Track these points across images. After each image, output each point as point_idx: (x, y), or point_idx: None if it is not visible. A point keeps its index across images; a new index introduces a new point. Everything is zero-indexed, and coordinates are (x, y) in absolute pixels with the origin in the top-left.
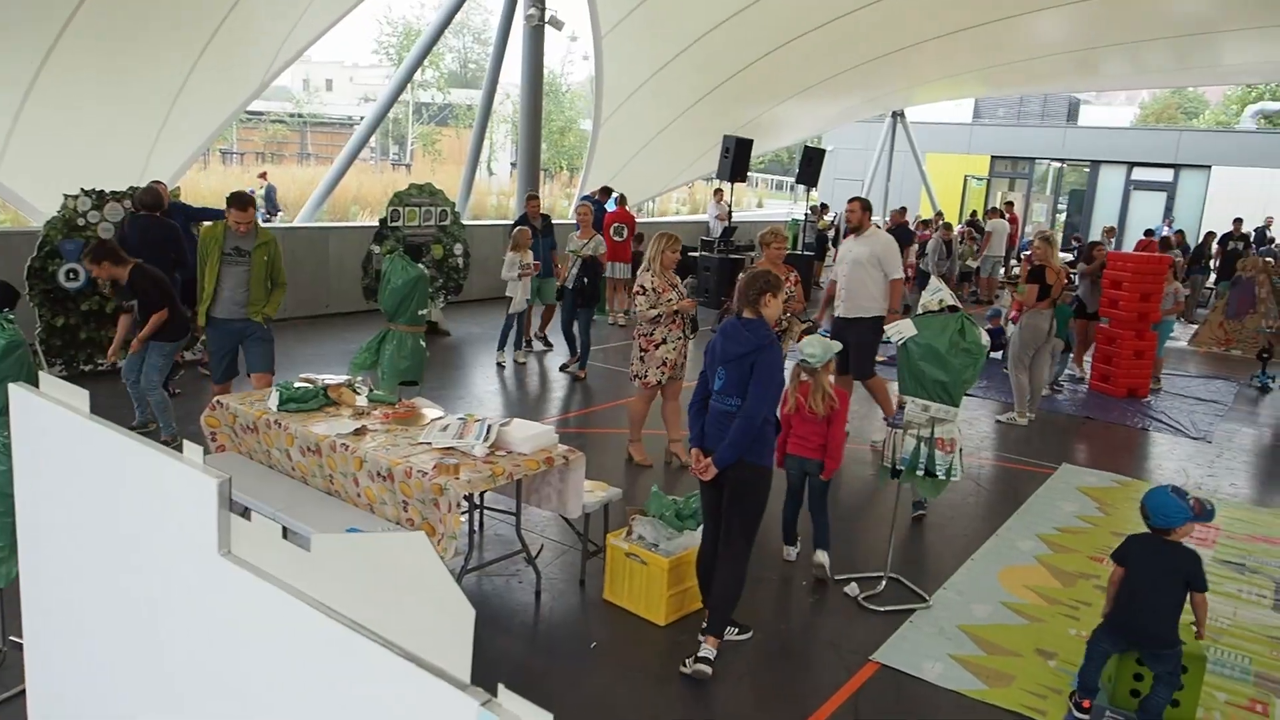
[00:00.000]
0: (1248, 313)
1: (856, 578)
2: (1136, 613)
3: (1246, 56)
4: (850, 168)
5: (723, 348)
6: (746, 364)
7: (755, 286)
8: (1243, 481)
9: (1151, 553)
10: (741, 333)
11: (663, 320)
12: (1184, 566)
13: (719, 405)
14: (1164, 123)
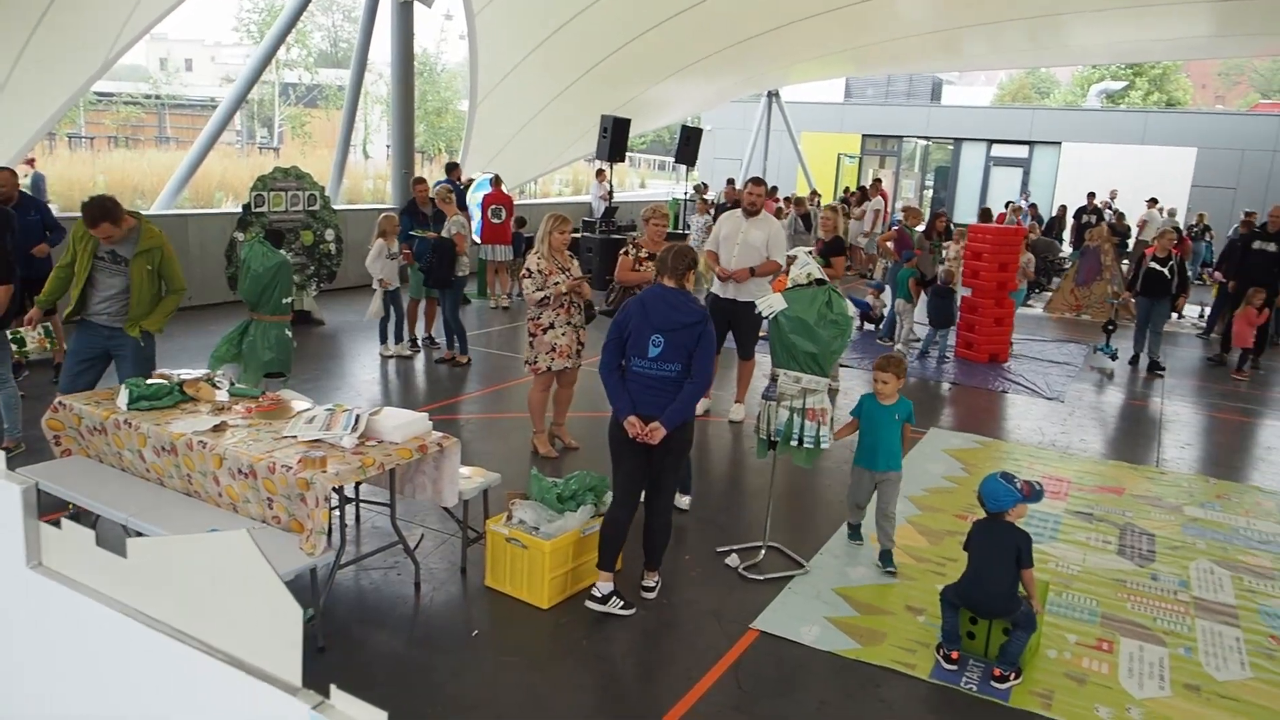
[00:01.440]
0: (1095, 280)
1: (737, 549)
2: (978, 589)
3: (1092, 38)
4: (729, 147)
5: (664, 316)
6: (694, 333)
7: (685, 260)
8: (1091, 437)
9: (988, 534)
10: (685, 302)
11: (550, 304)
12: (1015, 544)
13: (654, 371)
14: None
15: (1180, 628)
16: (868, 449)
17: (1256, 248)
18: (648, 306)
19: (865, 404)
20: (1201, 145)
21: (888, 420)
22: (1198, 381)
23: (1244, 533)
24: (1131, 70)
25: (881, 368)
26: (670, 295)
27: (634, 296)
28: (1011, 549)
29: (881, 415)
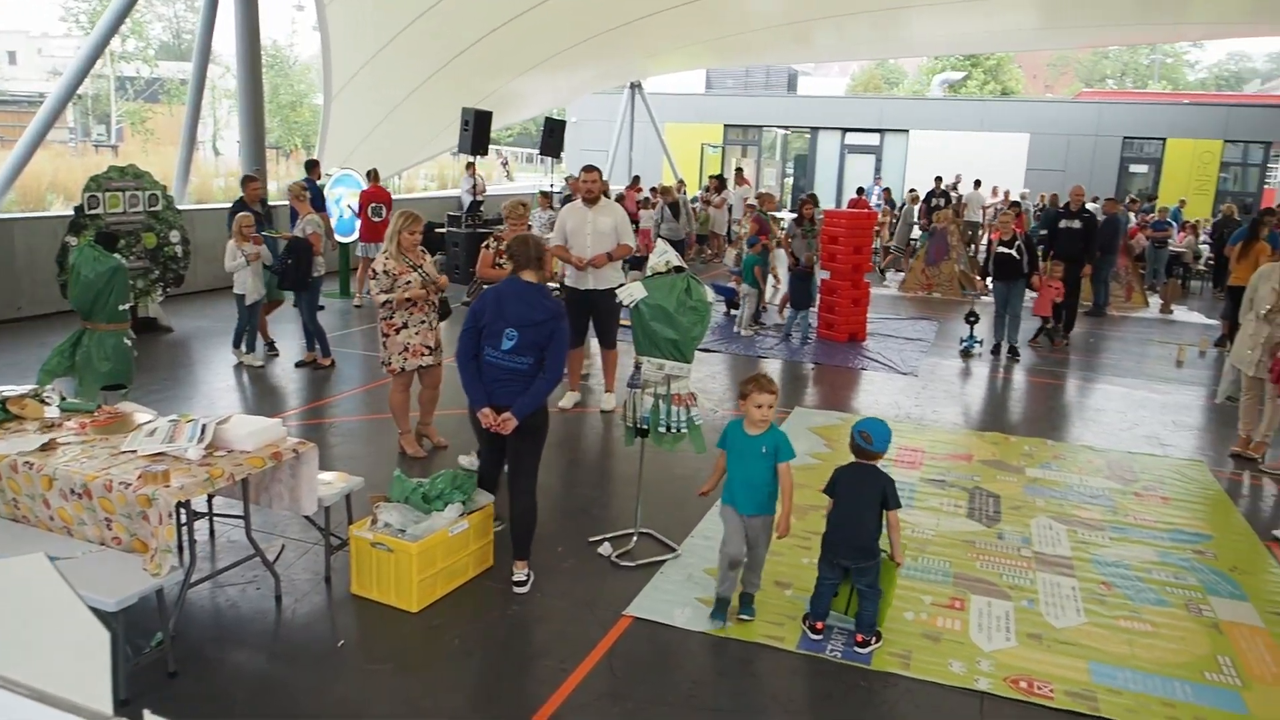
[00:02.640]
0: (944, 259)
1: (609, 537)
2: (844, 529)
3: (932, 31)
4: (595, 139)
5: (518, 313)
6: (547, 330)
7: (537, 247)
8: (943, 408)
9: (857, 477)
10: (540, 300)
11: (399, 305)
12: (882, 486)
13: (507, 363)
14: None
15: (1024, 582)
16: (734, 486)
17: (1063, 226)
18: (503, 300)
19: (729, 433)
20: (1033, 131)
21: (753, 453)
22: (1037, 352)
23: (1078, 489)
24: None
25: (766, 389)
26: (526, 291)
27: (488, 291)
28: (878, 490)
29: (747, 447)
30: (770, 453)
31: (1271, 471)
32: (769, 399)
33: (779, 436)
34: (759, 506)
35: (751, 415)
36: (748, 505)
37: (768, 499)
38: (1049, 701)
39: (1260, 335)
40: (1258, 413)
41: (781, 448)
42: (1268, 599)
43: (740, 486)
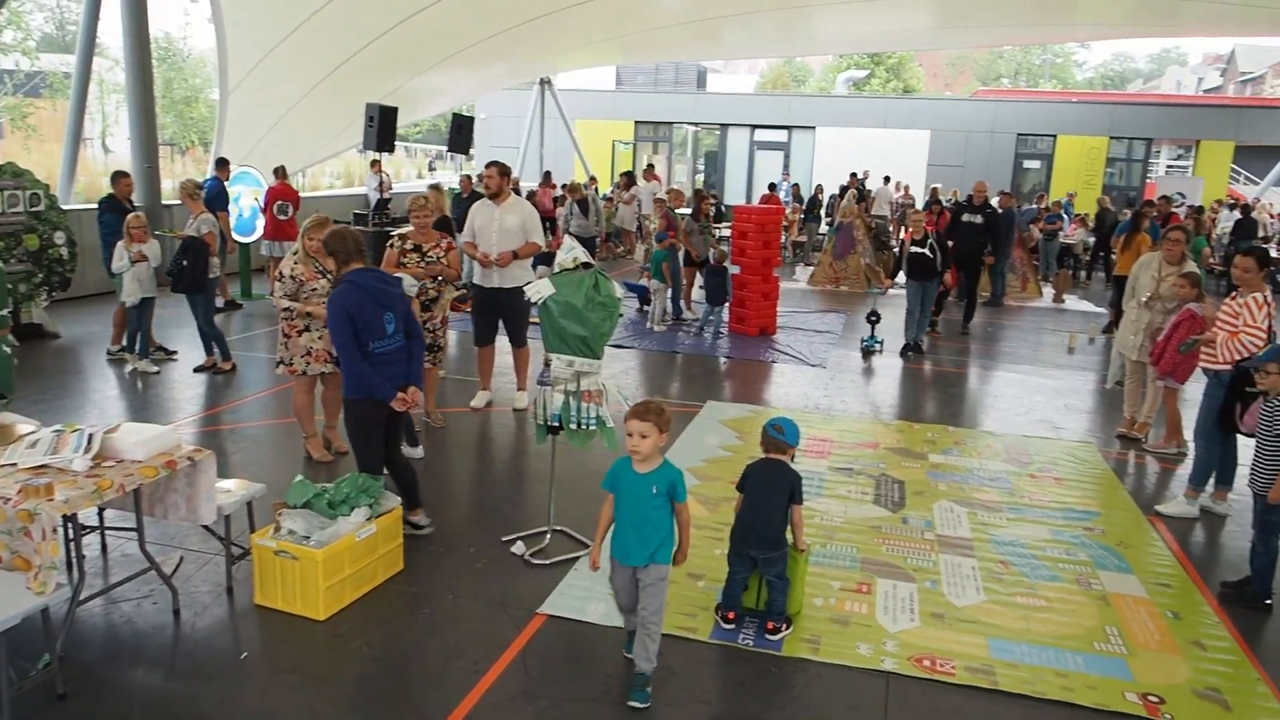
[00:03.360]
0: (850, 253)
1: (522, 536)
2: (753, 520)
3: (836, 30)
4: (505, 135)
5: (388, 294)
6: (406, 303)
7: (355, 239)
8: (850, 398)
9: (767, 472)
10: (389, 280)
11: (302, 314)
12: (790, 481)
13: (392, 346)
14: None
15: (926, 564)
16: (622, 533)
17: (965, 220)
18: (373, 292)
19: (616, 472)
20: (933, 128)
21: (643, 493)
22: (940, 341)
23: (977, 473)
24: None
25: (638, 416)
26: (379, 275)
27: (344, 287)
28: (787, 485)
29: (636, 486)
30: (663, 493)
31: (1154, 450)
32: (642, 427)
33: (672, 474)
34: (652, 555)
35: (632, 449)
36: (640, 553)
37: (661, 546)
38: (951, 678)
39: (1142, 322)
40: (1141, 395)
41: (677, 486)
42: (1151, 571)
43: (630, 532)
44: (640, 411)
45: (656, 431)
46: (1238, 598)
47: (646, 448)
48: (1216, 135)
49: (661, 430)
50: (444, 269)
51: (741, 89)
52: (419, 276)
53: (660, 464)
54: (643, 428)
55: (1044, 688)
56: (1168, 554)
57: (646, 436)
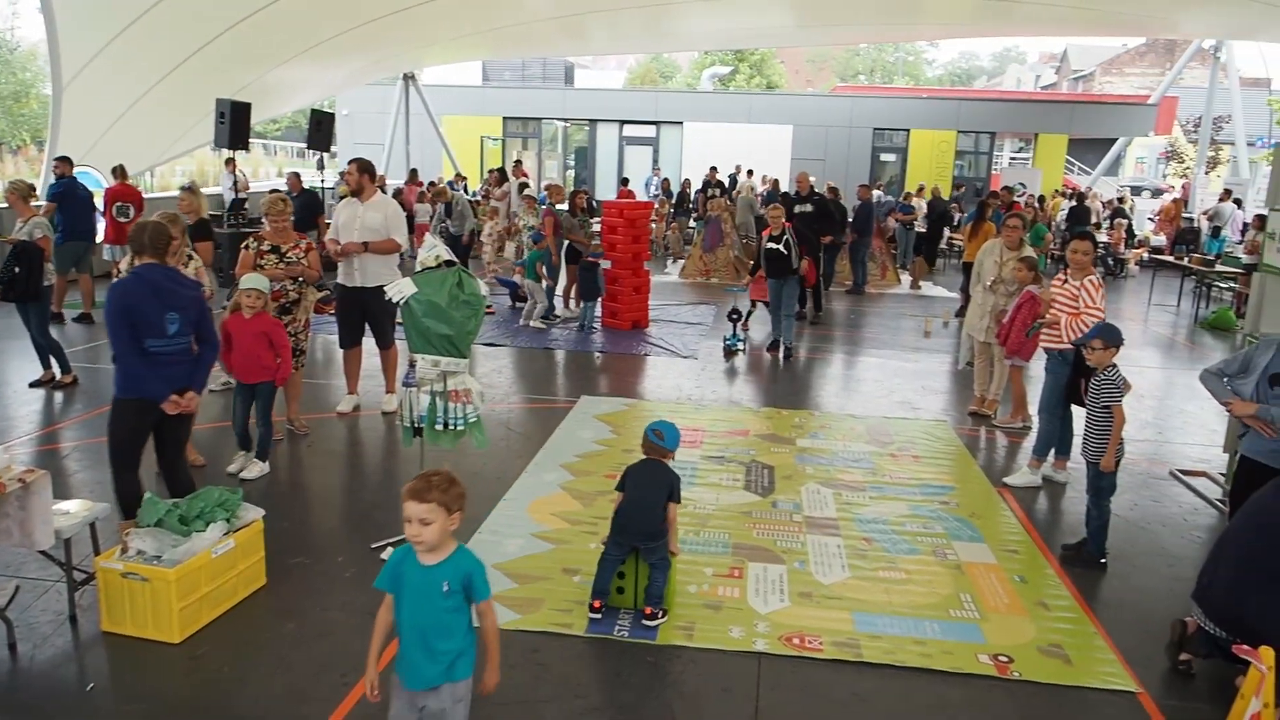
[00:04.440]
0: (719, 246)
1: (393, 542)
2: (634, 518)
3: (699, 26)
4: (369, 132)
5: (174, 294)
6: (199, 303)
7: (165, 236)
8: (721, 388)
9: (648, 471)
10: (181, 280)
11: None
12: (670, 481)
13: (174, 347)
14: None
15: (795, 545)
16: (406, 647)
17: (797, 211)
18: (156, 288)
19: (398, 564)
20: (796, 123)
21: (431, 592)
22: (805, 329)
23: (842, 455)
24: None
25: (416, 495)
26: (169, 274)
27: (126, 280)
28: (666, 484)
29: (422, 584)
30: (457, 590)
31: (1002, 426)
32: (421, 510)
33: (468, 564)
34: (445, 672)
35: (413, 538)
36: (429, 671)
37: (458, 659)
38: (819, 654)
39: (987, 304)
40: (989, 374)
41: (475, 580)
42: (1000, 539)
43: (416, 645)
44: (418, 490)
45: (444, 513)
46: (1076, 559)
47: (431, 536)
48: (1052, 129)
49: (451, 510)
50: (304, 270)
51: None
52: (278, 278)
53: (453, 552)
54: (423, 511)
55: (904, 656)
56: (1015, 522)
57: (429, 522)
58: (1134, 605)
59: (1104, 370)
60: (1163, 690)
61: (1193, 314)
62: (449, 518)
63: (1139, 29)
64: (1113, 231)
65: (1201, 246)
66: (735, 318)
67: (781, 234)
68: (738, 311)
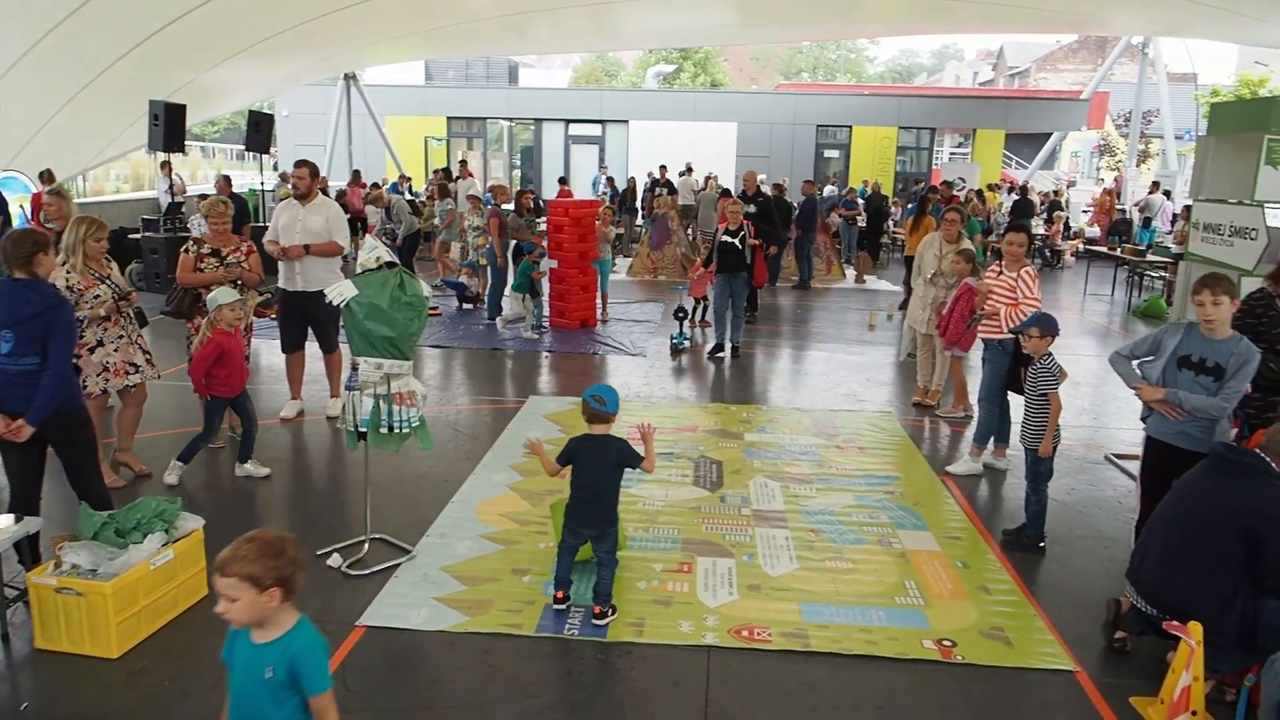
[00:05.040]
0: (666, 243)
1: (339, 548)
2: (584, 501)
3: (643, 24)
4: (310, 133)
5: (8, 311)
6: (43, 323)
7: (25, 246)
8: (669, 384)
9: (593, 447)
10: (26, 294)
11: (89, 322)
12: (617, 454)
13: (13, 367)
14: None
15: (744, 538)
16: None
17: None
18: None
19: (233, 637)
20: (740, 121)
21: (257, 676)
22: (754, 325)
23: (789, 448)
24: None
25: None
26: (11, 286)
27: None
28: (614, 460)
29: (249, 665)
30: (283, 680)
31: (944, 415)
32: (227, 586)
33: (298, 648)
34: None
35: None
36: None
37: None
38: (767, 645)
39: (928, 297)
40: (931, 365)
41: (303, 667)
42: (943, 526)
43: None
44: (221, 562)
45: (252, 590)
46: (1016, 543)
47: (240, 615)
48: (990, 124)
49: (264, 585)
50: (244, 272)
51: (555, 84)
52: (219, 281)
53: (288, 630)
54: (224, 585)
55: (851, 644)
56: (957, 509)
57: (236, 599)
58: (1071, 587)
59: (1040, 359)
60: (1099, 668)
61: (1126, 302)
62: (261, 595)
63: (1071, 26)
64: (1050, 224)
65: (1134, 237)
66: (681, 316)
67: (739, 229)
68: (684, 310)
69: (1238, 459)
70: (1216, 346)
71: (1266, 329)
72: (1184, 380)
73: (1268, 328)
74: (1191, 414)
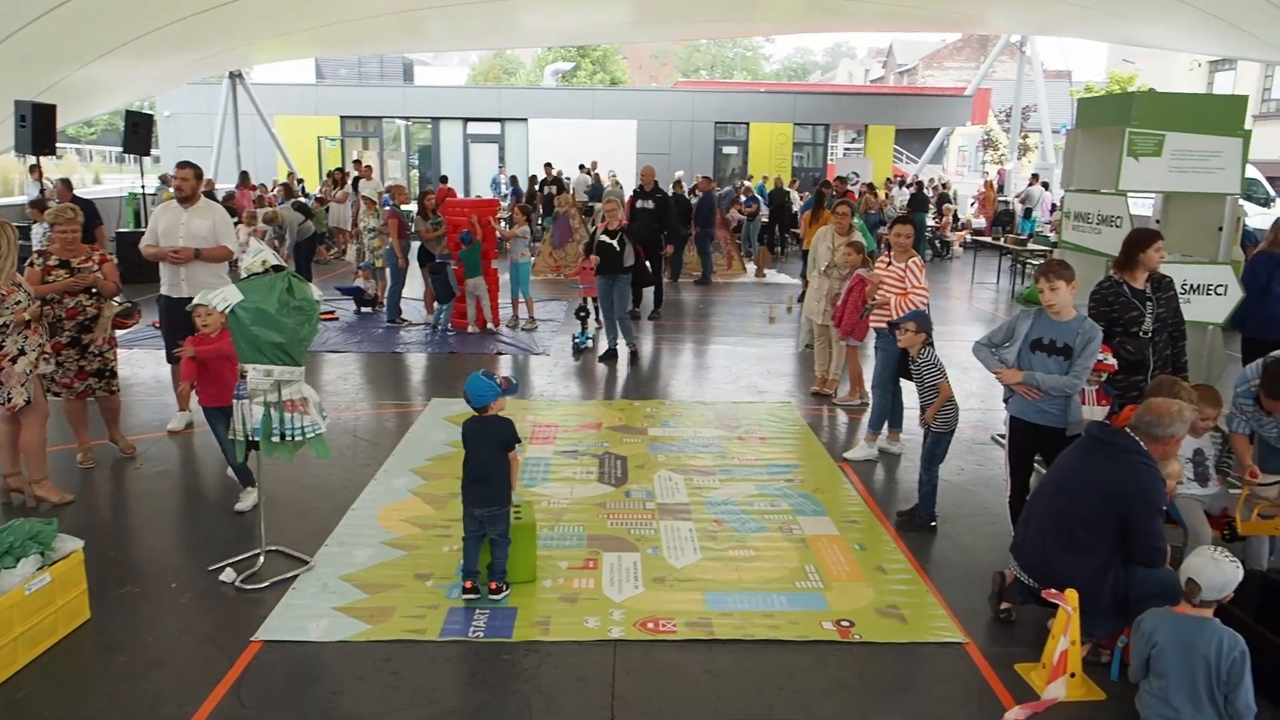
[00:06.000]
0: (568, 242)
1: (232, 562)
2: (474, 480)
3: (541, 23)
4: (195, 134)
5: None
6: None
7: None
8: (573, 382)
9: (478, 428)
10: None
11: (12, 329)
12: (501, 433)
13: None
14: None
15: (649, 532)
16: None
17: (639, 206)
18: None
19: None
20: (640, 118)
21: None
22: (654, 321)
23: (692, 441)
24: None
25: None
26: None
27: None
28: (497, 440)
29: None
30: None
31: (841, 403)
32: None
33: None
34: None
35: None
36: None
37: None
38: (672, 636)
39: (823, 289)
40: (828, 355)
41: None
42: (842, 510)
43: None
44: None
45: None
46: (910, 523)
47: None
48: (881, 120)
49: None
50: (97, 279)
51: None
52: (70, 290)
53: None
54: None
55: (754, 630)
56: (855, 494)
57: None
58: (961, 563)
59: (920, 353)
60: (987, 638)
61: (1010, 289)
62: None
63: (955, 25)
64: (940, 217)
65: (1016, 227)
66: (583, 315)
67: (617, 230)
68: (584, 309)
69: (1109, 438)
70: (1063, 328)
71: (1120, 314)
72: (1038, 361)
73: (1121, 313)
74: (1048, 393)
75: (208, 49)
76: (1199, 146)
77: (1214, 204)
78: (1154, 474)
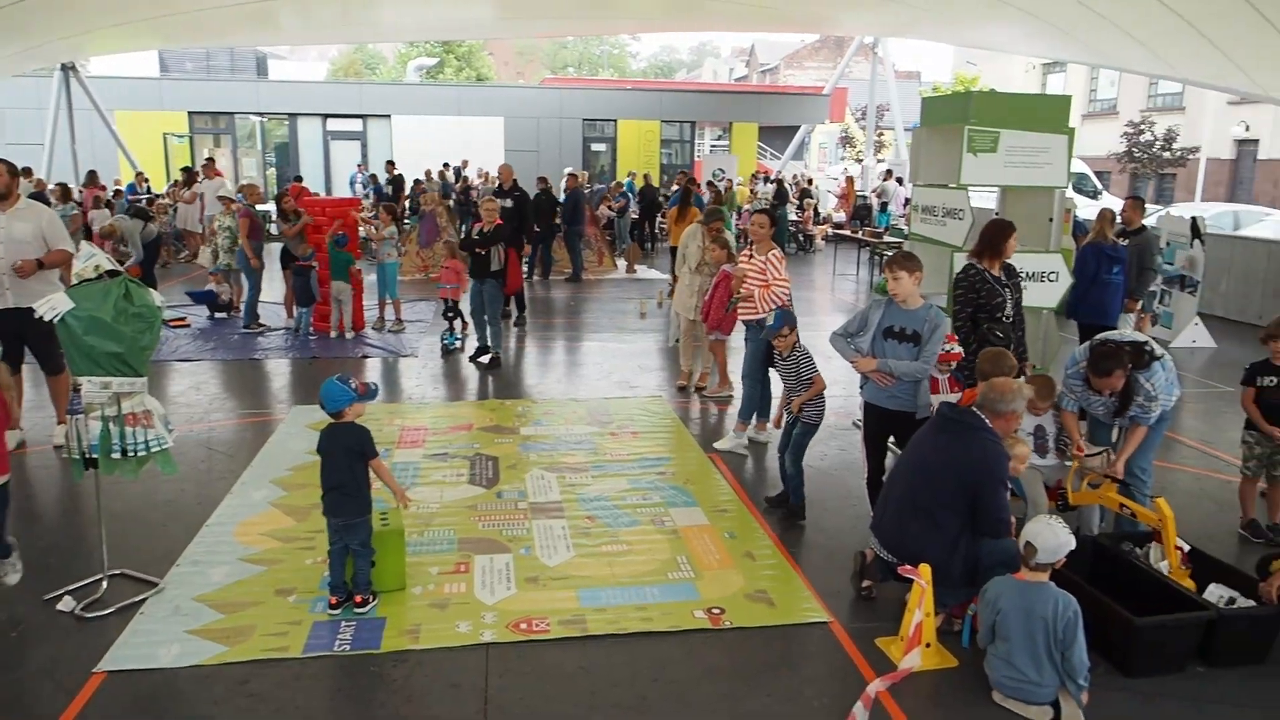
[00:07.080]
0: (435, 241)
1: (71, 589)
2: (329, 484)
3: (400, 17)
4: (24, 130)
5: None
6: None
7: None
8: (442, 383)
9: (332, 436)
10: None
11: None
12: (353, 441)
13: None
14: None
15: (521, 532)
16: None
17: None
18: None
19: None
20: (507, 115)
21: None
22: (530, 319)
23: (565, 439)
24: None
25: None
26: None
27: None
28: (347, 444)
29: None
30: None
31: (711, 396)
32: None
33: None
34: None
35: None
36: None
37: None
38: (546, 635)
39: (694, 285)
40: (696, 349)
41: None
42: (713, 500)
43: None
44: None
45: None
46: (777, 509)
47: None
48: (744, 118)
49: None
50: None
51: (312, 76)
52: None
53: None
54: None
55: (627, 623)
56: (725, 484)
57: None
58: (825, 545)
59: (791, 352)
60: (850, 615)
61: (869, 280)
62: None
63: (810, 26)
64: (802, 211)
65: (873, 221)
66: (451, 316)
67: (494, 230)
68: (451, 310)
69: (959, 417)
70: (911, 316)
71: (986, 300)
72: (890, 348)
73: (987, 299)
74: (900, 379)
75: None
76: (1029, 143)
77: (1044, 197)
78: (999, 450)
